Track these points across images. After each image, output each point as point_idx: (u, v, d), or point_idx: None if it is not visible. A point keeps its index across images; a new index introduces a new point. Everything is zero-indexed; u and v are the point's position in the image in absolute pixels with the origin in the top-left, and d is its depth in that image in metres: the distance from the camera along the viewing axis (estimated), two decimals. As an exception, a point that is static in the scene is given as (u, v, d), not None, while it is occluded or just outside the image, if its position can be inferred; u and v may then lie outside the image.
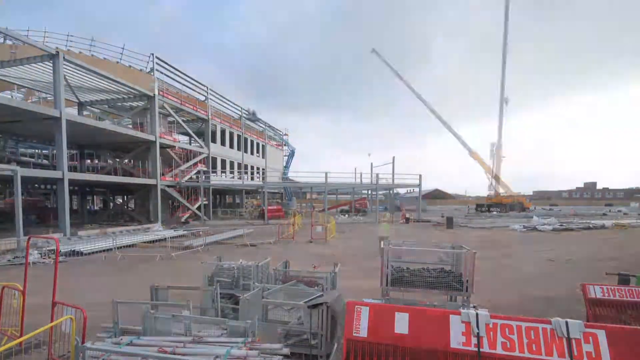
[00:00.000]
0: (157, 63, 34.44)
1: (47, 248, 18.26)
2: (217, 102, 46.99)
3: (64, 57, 24.45)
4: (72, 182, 27.59)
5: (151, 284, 7.64)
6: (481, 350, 4.56)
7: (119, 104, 36.50)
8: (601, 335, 4.41)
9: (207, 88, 43.28)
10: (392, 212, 48.17)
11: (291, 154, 70.07)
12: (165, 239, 22.30)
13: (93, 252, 19.05)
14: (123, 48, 34.13)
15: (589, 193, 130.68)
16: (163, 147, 36.08)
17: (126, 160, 37.32)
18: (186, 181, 38.93)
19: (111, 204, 47.68)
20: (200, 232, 26.97)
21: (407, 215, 42.68)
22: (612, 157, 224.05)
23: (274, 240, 23.81)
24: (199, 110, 41.80)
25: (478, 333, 4.63)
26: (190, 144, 46.69)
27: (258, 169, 58.86)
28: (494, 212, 58.89)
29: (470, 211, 63.67)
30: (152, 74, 34.11)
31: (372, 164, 46.89)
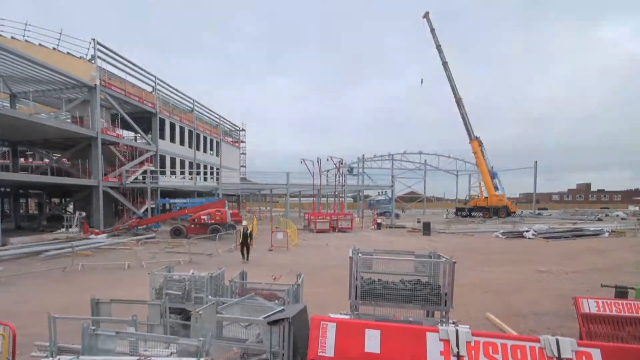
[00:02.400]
0: (98, 50, 33.57)
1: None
2: (166, 93, 46.25)
3: (-11, 42, 23.63)
4: (2, 183, 26.71)
5: (92, 296, 7.51)
6: (462, 371, 4.39)
7: (57, 95, 35.25)
8: (596, 355, 4.28)
9: (155, 78, 42.57)
10: (361, 216, 48.50)
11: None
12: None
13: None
14: (60, 33, 33.25)
15: (583, 196, 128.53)
16: (105, 143, 35.27)
17: (64, 159, 36.35)
18: (131, 182, 38.13)
19: (48, 208, 46.29)
20: (151, 240, 26.56)
21: (379, 221, 42.61)
22: (610, 157, 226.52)
23: (228, 248, 23.66)
24: (145, 102, 40.99)
25: (458, 352, 4.48)
26: (136, 140, 45.81)
27: (212, 168, 58.30)
28: (478, 217, 59.71)
29: (449, 215, 64.12)
30: (93, 62, 33.27)
31: (340, 161, 46.81)
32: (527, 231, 32.43)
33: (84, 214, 33.22)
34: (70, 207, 43.45)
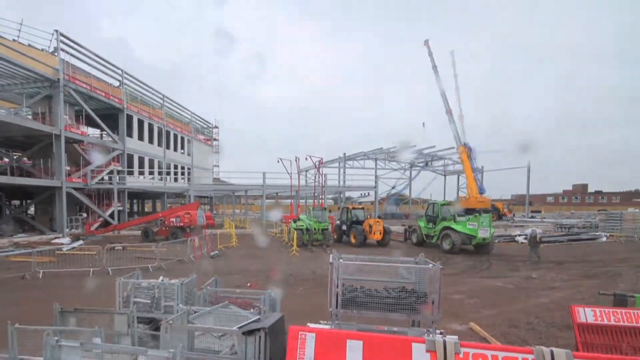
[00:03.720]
0: (62, 41, 33.07)
1: None
2: (133, 88, 45.79)
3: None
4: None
5: (55, 305, 7.42)
6: (450, 385, 4.33)
7: (17, 90, 34.56)
8: (593, 367, 4.08)
9: (122, 71, 42.09)
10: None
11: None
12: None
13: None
14: (21, 24, 32.68)
15: (579, 197, 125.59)
16: (69, 141, 34.81)
17: (25, 158, 35.74)
18: (97, 183, 37.73)
19: (7, 210, 45.36)
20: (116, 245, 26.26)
21: None
22: (607, 156, 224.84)
23: (198, 254, 23.54)
24: (112, 97, 40.40)
25: (446, 364, 4.39)
26: (102, 138, 45.28)
27: (183, 168, 57.81)
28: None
29: None
30: (56, 54, 32.78)
31: (320, 160, 46.67)
32: (519, 235, 32.62)
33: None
34: (32, 210, 42.82)
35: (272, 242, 30.38)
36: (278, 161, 41.89)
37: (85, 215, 34.94)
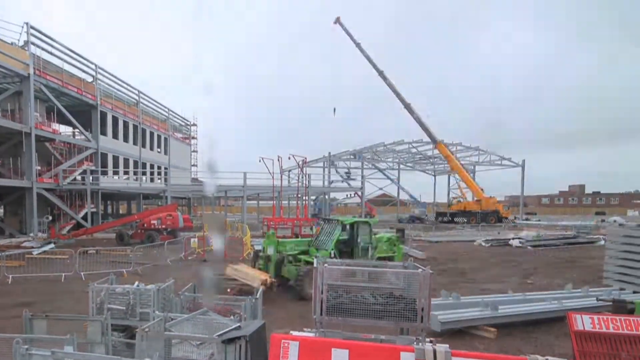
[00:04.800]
0: (32, 35, 32.76)
1: None
2: (107, 84, 45.37)
3: None
4: None
5: (25, 311, 7.38)
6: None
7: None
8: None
9: (96, 66, 41.74)
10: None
11: None
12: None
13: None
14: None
15: (576, 199, 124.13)
16: (40, 140, 34.44)
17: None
18: (69, 183, 37.40)
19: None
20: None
21: None
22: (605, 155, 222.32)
23: (178, 257, 23.47)
24: (85, 93, 40.08)
25: (436, 374, 4.26)
26: (74, 136, 44.86)
27: (160, 167, 57.52)
28: (461, 223, 56.35)
29: (428, 221, 60.88)
30: (26, 48, 32.43)
31: (304, 159, 46.49)
32: (513, 239, 32.67)
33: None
34: (1, 211, 42.32)
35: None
36: (259, 160, 41.75)
37: (50, 217, 34.53)
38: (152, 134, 55.44)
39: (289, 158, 44.71)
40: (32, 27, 32.69)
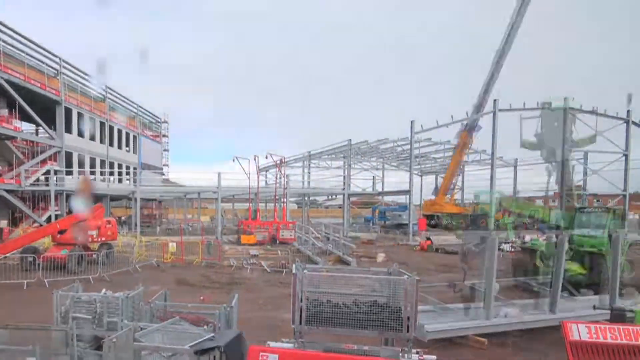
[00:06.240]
0: (-9, 25, 32.20)
1: None
2: (73, 78, 44.77)
3: None
4: None
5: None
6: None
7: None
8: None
9: (60, 59, 41.17)
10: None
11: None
12: None
13: None
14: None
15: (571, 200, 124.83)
16: (1, 138, 34.16)
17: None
18: (32, 184, 36.91)
19: None
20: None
21: None
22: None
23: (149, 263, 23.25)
24: (49, 88, 39.44)
25: (423, 387, 4.14)
26: (37, 134, 44.29)
27: (129, 167, 56.95)
28: (449, 225, 54.21)
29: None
30: (-16, 40, 31.89)
31: (282, 158, 46.30)
32: (505, 243, 32.77)
33: None
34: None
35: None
36: (233, 160, 41.57)
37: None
38: (120, 131, 54.90)
39: (266, 157, 44.60)
40: (-9, 17, 32.13)
